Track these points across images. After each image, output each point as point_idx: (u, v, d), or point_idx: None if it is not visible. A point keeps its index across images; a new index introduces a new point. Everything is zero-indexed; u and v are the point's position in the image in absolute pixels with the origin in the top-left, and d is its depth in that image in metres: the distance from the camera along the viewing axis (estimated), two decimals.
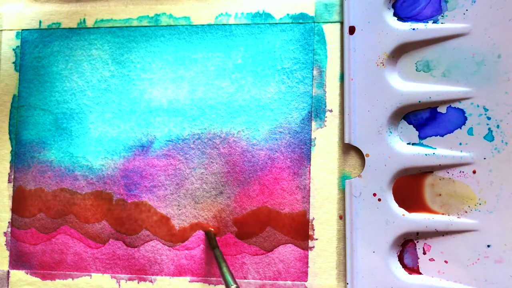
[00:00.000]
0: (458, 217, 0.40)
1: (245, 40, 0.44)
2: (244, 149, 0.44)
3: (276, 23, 0.44)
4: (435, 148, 0.41)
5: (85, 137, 0.46)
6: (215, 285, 0.43)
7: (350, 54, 0.42)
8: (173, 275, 0.44)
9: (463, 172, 0.40)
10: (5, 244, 0.46)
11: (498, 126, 0.40)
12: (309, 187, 0.43)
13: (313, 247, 0.42)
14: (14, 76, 0.47)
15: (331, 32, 0.43)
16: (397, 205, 0.41)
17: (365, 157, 0.41)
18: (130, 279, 0.44)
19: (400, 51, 0.42)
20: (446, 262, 0.40)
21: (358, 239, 0.41)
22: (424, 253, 0.41)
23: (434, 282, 0.40)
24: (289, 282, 0.42)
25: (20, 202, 0.46)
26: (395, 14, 0.42)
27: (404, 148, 0.41)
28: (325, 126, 0.43)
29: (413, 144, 0.41)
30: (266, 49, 0.44)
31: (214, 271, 0.44)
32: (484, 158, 0.40)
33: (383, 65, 0.41)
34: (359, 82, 0.42)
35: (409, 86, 0.41)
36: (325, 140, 0.43)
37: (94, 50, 0.46)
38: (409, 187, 0.41)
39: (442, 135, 0.41)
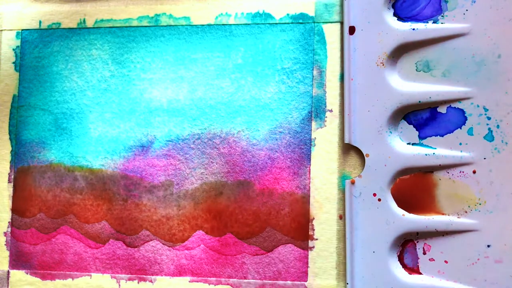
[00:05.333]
0: (458, 217, 0.40)
1: (245, 40, 0.44)
2: (244, 149, 0.44)
3: (276, 23, 0.44)
4: (435, 148, 0.41)
5: (85, 137, 0.46)
6: (215, 285, 0.43)
7: (350, 54, 0.42)
8: (173, 275, 0.44)
9: (463, 172, 0.40)
10: (5, 244, 0.46)
11: (498, 126, 0.40)
12: (309, 187, 0.43)
13: (313, 247, 0.42)
14: (14, 76, 0.47)
15: (331, 32, 0.43)
16: (397, 205, 0.41)
17: (365, 157, 0.41)
18: (130, 279, 0.44)
19: (400, 51, 0.42)
20: (446, 262, 0.40)
21: (358, 239, 0.41)
22: (424, 253, 0.41)
23: (434, 282, 0.40)
24: (289, 282, 0.42)
25: (20, 202, 0.46)
26: (395, 14, 0.42)
27: (404, 148, 0.41)
28: (325, 126, 0.43)
29: (413, 144, 0.41)
30: (266, 49, 0.44)
31: (214, 271, 0.44)
32: (484, 158, 0.40)
33: (383, 65, 0.41)
34: (359, 82, 0.42)
35: (409, 86, 0.41)
36: (325, 140, 0.43)
37: (94, 50, 0.46)
38: (409, 187, 0.41)
39: (442, 135, 0.41)
